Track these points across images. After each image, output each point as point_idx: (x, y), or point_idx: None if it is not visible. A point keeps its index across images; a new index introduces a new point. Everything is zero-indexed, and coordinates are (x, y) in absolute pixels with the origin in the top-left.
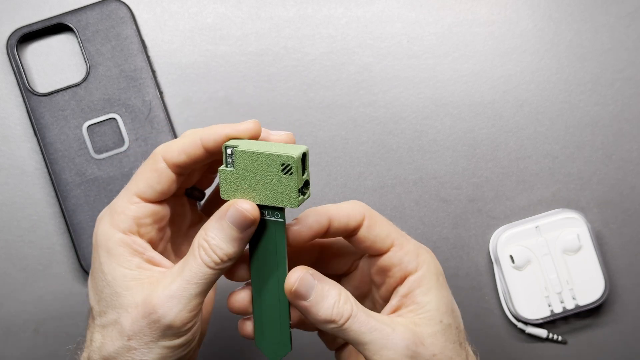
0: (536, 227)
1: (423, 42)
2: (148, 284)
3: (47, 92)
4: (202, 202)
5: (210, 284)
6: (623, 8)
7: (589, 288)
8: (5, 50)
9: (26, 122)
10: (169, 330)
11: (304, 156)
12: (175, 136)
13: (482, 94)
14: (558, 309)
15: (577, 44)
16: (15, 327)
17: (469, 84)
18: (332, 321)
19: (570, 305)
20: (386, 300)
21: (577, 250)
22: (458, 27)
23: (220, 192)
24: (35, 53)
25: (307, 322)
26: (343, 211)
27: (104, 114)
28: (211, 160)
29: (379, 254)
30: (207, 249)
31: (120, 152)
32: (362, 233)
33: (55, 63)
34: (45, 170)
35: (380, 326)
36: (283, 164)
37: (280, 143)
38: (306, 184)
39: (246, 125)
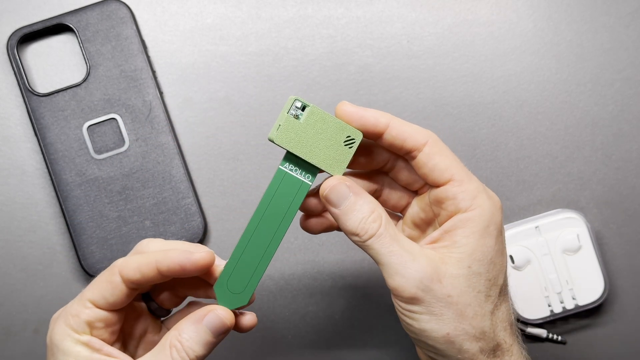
0: (536, 227)
1: (423, 42)
2: None
3: (48, 93)
4: (165, 318)
5: None
6: (623, 8)
7: (588, 288)
8: (5, 51)
9: (26, 122)
10: None
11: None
12: (175, 136)
13: (482, 94)
14: (558, 309)
15: (577, 44)
16: (15, 327)
17: (469, 84)
18: (357, 234)
19: (570, 305)
20: None
21: (577, 250)
22: (458, 27)
23: (276, 135)
24: (36, 53)
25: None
26: (407, 130)
27: (104, 114)
28: (172, 281)
29: (435, 185)
30: (179, 350)
31: (121, 152)
32: (421, 158)
33: (55, 63)
34: (46, 170)
35: (400, 252)
36: (349, 136)
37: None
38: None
39: (200, 255)
